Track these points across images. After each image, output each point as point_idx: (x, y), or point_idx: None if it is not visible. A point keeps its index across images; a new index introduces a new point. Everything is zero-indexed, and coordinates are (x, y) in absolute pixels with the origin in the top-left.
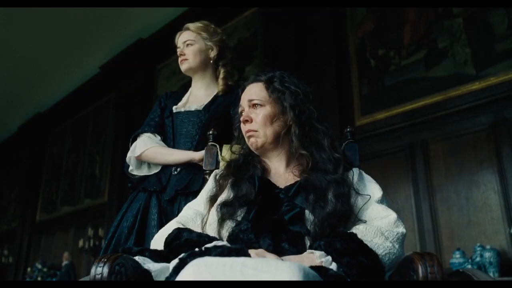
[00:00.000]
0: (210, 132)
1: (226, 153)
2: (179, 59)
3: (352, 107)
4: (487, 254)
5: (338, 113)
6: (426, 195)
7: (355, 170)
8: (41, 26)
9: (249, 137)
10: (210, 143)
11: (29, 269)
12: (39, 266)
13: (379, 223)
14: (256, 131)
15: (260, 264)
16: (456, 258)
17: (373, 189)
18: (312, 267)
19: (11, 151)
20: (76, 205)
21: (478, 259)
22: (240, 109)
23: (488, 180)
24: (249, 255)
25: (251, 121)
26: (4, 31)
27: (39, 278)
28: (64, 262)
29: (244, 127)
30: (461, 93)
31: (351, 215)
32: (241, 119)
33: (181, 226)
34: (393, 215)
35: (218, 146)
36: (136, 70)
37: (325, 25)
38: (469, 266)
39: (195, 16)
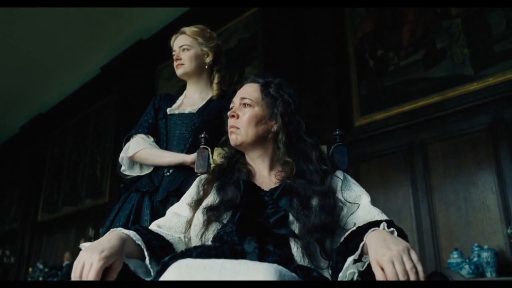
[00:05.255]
0: (202, 135)
1: (217, 156)
2: (175, 63)
3: (351, 107)
4: (484, 254)
5: (337, 113)
6: (424, 195)
7: (340, 174)
8: (41, 26)
9: (231, 132)
10: (202, 146)
11: (30, 269)
12: (41, 266)
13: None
14: (238, 128)
15: (238, 266)
16: (454, 258)
17: (360, 192)
18: (297, 267)
19: (13, 151)
20: (77, 205)
21: (475, 259)
22: (231, 105)
23: (486, 180)
24: (228, 253)
25: (237, 117)
26: (4, 31)
27: (40, 278)
28: (65, 262)
29: (229, 121)
30: (459, 94)
31: (336, 226)
32: (229, 113)
33: (156, 228)
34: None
35: (209, 149)
36: (137, 71)
37: (324, 25)
38: (467, 266)
39: (195, 17)
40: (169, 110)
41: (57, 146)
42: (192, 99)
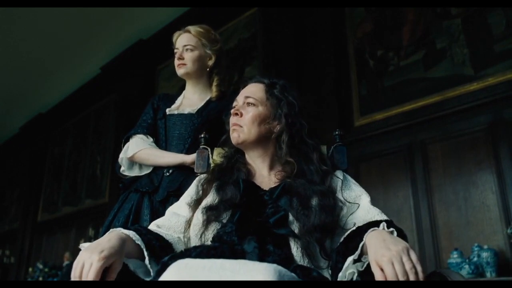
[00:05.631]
0: (202, 135)
1: (217, 156)
2: (176, 62)
3: (351, 107)
4: (484, 254)
5: (337, 113)
6: (424, 195)
7: (340, 174)
8: (41, 26)
9: (234, 130)
10: (202, 146)
11: (30, 269)
12: (41, 266)
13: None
14: (241, 126)
15: (238, 266)
16: (454, 258)
17: (360, 192)
18: (297, 267)
19: (13, 151)
20: (77, 205)
21: (475, 259)
22: (234, 103)
23: (486, 180)
24: (227, 253)
25: (241, 115)
26: (4, 31)
27: (40, 278)
28: (65, 262)
29: (232, 119)
30: (459, 94)
31: (336, 226)
32: (232, 111)
33: (156, 228)
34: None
35: (209, 149)
36: (137, 71)
37: (324, 25)
38: (467, 266)
39: (195, 17)
40: (168, 111)
41: (57, 146)
42: (191, 99)
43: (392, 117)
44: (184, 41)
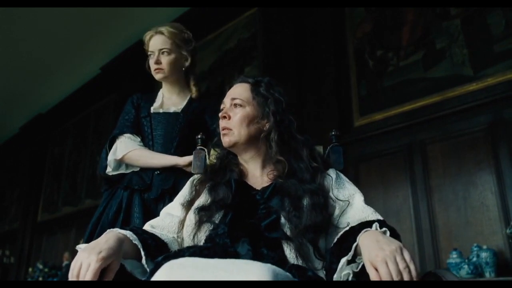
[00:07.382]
0: (199, 136)
1: (214, 156)
2: (154, 67)
3: (351, 107)
4: (483, 254)
5: (337, 113)
6: (424, 195)
7: (332, 173)
8: (41, 26)
9: (224, 134)
10: (199, 147)
11: (30, 269)
12: (40, 267)
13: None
14: (230, 129)
15: (231, 266)
16: (453, 258)
17: (353, 191)
18: (292, 266)
19: (13, 151)
20: (77, 205)
21: (474, 259)
22: (222, 106)
23: (486, 181)
24: (220, 253)
25: (229, 118)
26: (4, 31)
27: (40, 278)
28: (65, 262)
29: (221, 123)
30: (459, 94)
31: (328, 225)
32: (220, 115)
33: (150, 229)
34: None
35: (206, 150)
36: (137, 71)
37: (324, 25)
38: (466, 266)
39: (195, 17)
40: (153, 109)
41: (57, 146)
42: (172, 99)
43: (391, 117)
44: (159, 45)
